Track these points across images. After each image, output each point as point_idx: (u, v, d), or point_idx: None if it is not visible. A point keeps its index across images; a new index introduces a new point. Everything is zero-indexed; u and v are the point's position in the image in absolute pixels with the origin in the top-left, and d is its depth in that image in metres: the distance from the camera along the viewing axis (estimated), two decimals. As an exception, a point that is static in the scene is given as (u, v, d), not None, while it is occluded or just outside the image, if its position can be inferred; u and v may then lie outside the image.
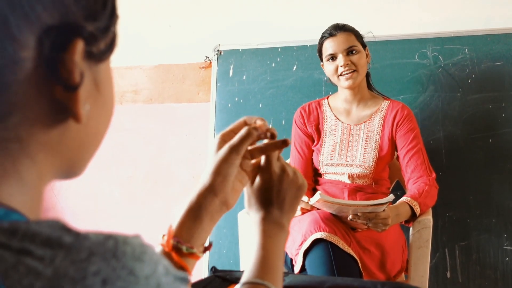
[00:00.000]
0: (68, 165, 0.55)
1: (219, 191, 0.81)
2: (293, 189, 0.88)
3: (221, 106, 2.87)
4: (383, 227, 1.92)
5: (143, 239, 0.47)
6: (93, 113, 0.54)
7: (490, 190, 2.49)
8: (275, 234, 0.85)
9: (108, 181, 3.17)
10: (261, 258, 0.82)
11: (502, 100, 2.51)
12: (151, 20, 3.14)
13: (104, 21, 0.52)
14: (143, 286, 0.44)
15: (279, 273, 0.82)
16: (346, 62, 2.18)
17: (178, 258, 0.77)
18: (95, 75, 0.54)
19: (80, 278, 0.41)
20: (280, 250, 0.85)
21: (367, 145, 2.24)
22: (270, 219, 0.86)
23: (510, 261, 2.45)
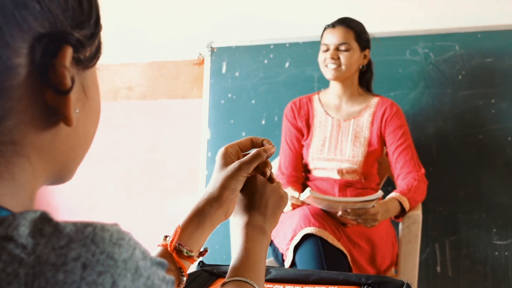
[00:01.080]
0: (59, 168, 0.58)
1: (225, 203, 0.86)
2: (276, 196, 0.93)
3: (214, 102, 2.89)
4: (372, 223, 1.95)
5: (121, 227, 0.49)
6: (82, 117, 0.57)
7: (480, 185, 2.52)
8: (258, 238, 0.88)
9: (103, 177, 3.19)
10: (244, 260, 0.85)
11: (492, 97, 2.53)
12: (145, 18, 3.16)
13: (89, 30, 0.55)
14: (122, 269, 0.46)
15: (261, 273, 0.86)
16: (333, 56, 2.21)
17: (178, 259, 0.81)
18: (83, 80, 0.56)
19: (61, 264, 0.43)
20: (262, 254, 0.88)
21: (356, 140, 2.26)
22: (254, 224, 0.89)
23: (499, 256, 2.48)
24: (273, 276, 1.09)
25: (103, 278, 0.44)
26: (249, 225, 0.89)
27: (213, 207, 0.86)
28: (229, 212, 0.88)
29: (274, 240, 2.14)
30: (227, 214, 0.88)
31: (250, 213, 0.90)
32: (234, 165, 0.87)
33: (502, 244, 2.48)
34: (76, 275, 0.43)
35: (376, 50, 2.61)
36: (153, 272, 0.49)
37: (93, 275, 0.44)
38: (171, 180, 3.06)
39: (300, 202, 2.07)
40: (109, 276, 0.45)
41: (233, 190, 0.87)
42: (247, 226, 0.89)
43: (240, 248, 0.86)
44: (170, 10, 3.11)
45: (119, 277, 0.45)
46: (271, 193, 0.92)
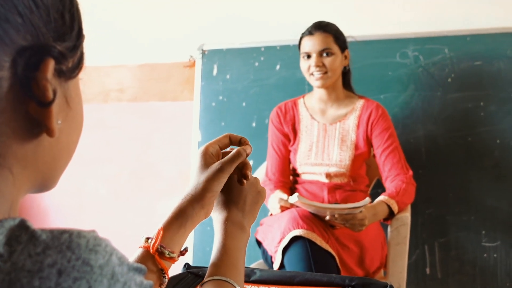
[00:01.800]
0: (42, 177, 0.58)
1: (206, 204, 0.87)
2: (254, 192, 0.93)
3: (205, 105, 2.90)
4: (360, 228, 1.96)
5: (98, 233, 0.50)
6: (65, 127, 0.58)
7: (469, 187, 2.54)
8: (237, 235, 0.89)
9: (94, 179, 3.19)
10: (223, 257, 0.85)
11: (481, 99, 2.55)
12: (137, 20, 3.16)
13: (71, 41, 0.56)
14: (98, 275, 0.46)
15: (241, 271, 0.86)
16: (318, 64, 2.20)
17: (160, 261, 0.82)
18: (66, 91, 0.57)
19: (37, 270, 0.44)
20: (241, 250, 0.88)
21: (342, 144, 2.27)
22: (233, 220, 0.90)
23: (488, 257, 2.50)
24: (258, 278, 1.10)
25: (79, 284, 0.45)
26: (228, 221, 0.89)
27: (195, 208, 0.86)
28: (209, 212, 0.89)
29: (263, 243, 2.14)
30: (207, 214, 0.89)
31: (229, 209, 0.91)
32: (216, 166, 0.87)
33: (490, 246, 2.50)
34: (51, 282, 0.44)
35: (366, 53, 2.63)
36: (130, 278, 0.50)
37: (68, 281, 0.44)
38: (161, 182, 3.06)
39: (289, 204, 2.08)
40: (84, 282, 0.45)
41: (215, 192, 0.87)
42: (226, 222, 0.89)
43: (219, 245, 0.87)
44: (161, 13, 3.12)
45: (95, 283, 0.46)
46: (249, 189, 0.92)
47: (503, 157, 2.51)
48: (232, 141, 0.94)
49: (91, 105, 3.19)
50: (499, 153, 2.51)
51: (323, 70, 2.21)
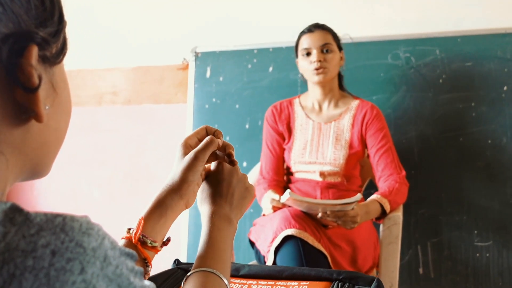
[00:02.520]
0: (31, 164, 0.59)
1: (185, 195, 0.89)
2: (242, 187, 0.94)
3: (198, 107, 2.91)
4: (352, 225, 1.97)
5: (91, 219, 0.51)
6: (53, 112, 0.59)
7: (461, 187, 2.55)
8: (224, 227, 0.90)
9: (88, 181, 3.19)
10: (210, 249, 0.86)
11: (472, 100, 2.57)
12: (130, 23, 3.17)
13: (53, 27, 0.57)
14: (91, 257, 0.47)
15: (227, 263, 0.87)
16: (319, 58, 2.23)
17: (143, 250, 0.83)
18: (51, 77, 0.58)
19: (31, 250, 0.45)
20: (228, 243, 0.89)
21: (337, 143, 2.28)
22: (220, 213, 0.91)
23: (480, 257, 2.51)
24: (246, 272, 1.10)
25: (72, 264, 0.46)
26: (216, 214, 0.90)
27: (174, 199, 0.87)
28: (189, 202, 0.90)
29: (256, 243, 2.15)
30: (188, 204, 0.90)
31: (216, 202, 0.92)
32: (189, 156, 0.89)
33: (483, 246, 2.51)
34: (45, 261, 0.45)
35: (358, 54, 2.64)
36: (122, 262, 0.51)
37: (62, 261, 0.45)
38: (155, 184, 3.06)
39: (281, 204, 2.08)
40: (77, 262, 0.46)
41: (191, 181, 0.89)
42: (213, 215, 0.90)
43: (206, 238, 0.88)
44: (154, 15, 3.13)
45: (87, 264, 0.46)
46: (238, 183, 0.94)
47: (494, 157, 2.52)
48: (208, 132, 0.96)
49: (85, 108, 3.20)
50: (491, 153, 2.53)
51: (324, 65, 2.23)
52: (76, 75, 3.23)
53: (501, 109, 2.53)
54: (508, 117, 2.51)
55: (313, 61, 2.23)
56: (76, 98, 3.22)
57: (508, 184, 2.50)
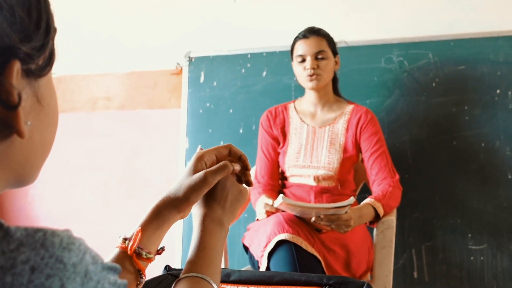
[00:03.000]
0: (17, 175, 0.58)
1: (183, 211, 0.88)
2: (236, 190, 0.93)
3: (192, 112, 2.91)
4: (345, 229, 1.97)
5: (73, 232, 0.50)
6: (37, 126, 0.58)
7: (455, 191, 2.55)
8: (216, 231, 0.89)
9: (82, 187, 3.19)
10: (201, 254, 0.85)
11: (465, 103, 2.57)
12: (123, 28, 3.17)
13: (39, 40, 0.55)
14: (71, 273, 0.47)
15: (217, 268, 0.86)
16: (313, 66, 2.23)
17: (138, 262, 0.83)
18: (36, 90, 0.57)
19: (10, 266, 0.44)
20: (219, 247, 0.88)
21: (331, 147, 2.29)
22: (212, 216, 0.89)
23: (475, 260, 2.51)
24: (237, 278, 1.10)
25: (51, 281, 0.45)
26: (208, 217, 0.89)
27: (172, 212, 0.86)
28: (185, 215, 0.89)
29: (250, 248, 2.15)
30: (184, 217, 0.89)
31: (209, 205, 0.90)
32: (199, 175, 0.87)
33: (477, 249, 2.51)
34: (24, 278, 0.44)
35: (351, 58, 2.64)
36: (104, 277, 0.50)
37: (41, 278, 0.45)
38: (149, 190, 3.06)
39: (274, 209, 2.08)
40: (57, 279, 0.45)
41: (193, 202, 0.87)
42: (206, 218, 0.89)
43: (197, 241, 0.86)
44: (147, 21, 3.13)
45: (68, 280, 0.46)
46: (231, 186, 0.92)
47: (488, 160, 2.53)
48: (231, 154, 0.94)
49: (79, 113, 3.20)
50: (484, 156, 2.53)
51: (317, 72, 2.24)
52: (70, 80, 3.22)
53: (494, 112, 2.53)
54: (501, 120, 2.52)
55: (307, 68, 2.24)
56: (70, 103, 3.22)
57: (501, 187, 2.51)
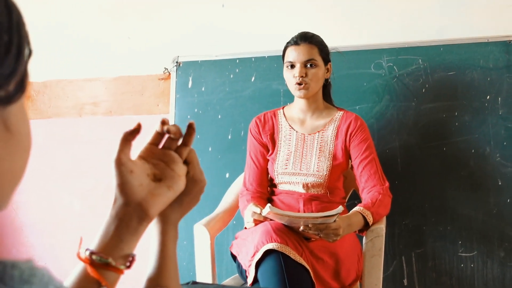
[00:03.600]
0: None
1: (128, 200, 0.81)
2: (198, 193, 0.89)
3: (180, 118, 2.87)
4: (334, 238, 1.94)
5: (35, 263, 0.47)
6: (6, 154, 0.54)
7: (445, 197, 2.53)
8: (175, 237, 0.86)
9: (69, 194, 3.15)
10: (170, 263, 0.82)
11: (455, 109, 2.55)
12: (110, 32, 3.13)
13: (9, 66, 0.52)
14: None
15: (177, 274, 0.83)
16: (301, 74, 2.20)
17: (93, 270, 0.75)
18: (5, 117, 0.53)
19: None
20: (175, 253, 0.85)
21: (321, 154, 2.26)
22: (174, 221, 0.87)
23: (465, 268, 2.49)
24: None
25: None
26: (176, 223, 0.86)
27: (116, 207, 0.81)
28: (148, 213, 0.81)
29: (238, 256, 2.12)
30: (148, 214, 0.81)
31: (171, 208, 0.86)
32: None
33: (467, 256, 2.49)
34: None
35: (341, 64, 2.62)
36: None
37: None
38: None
39: (262, 217, 2.05)
40: None
41: (123, 183, 0.82)
42: (174, 224, 0.86)
43: (163, 251, 0.83)
44: (135, 25, 3.09)
45: None
46: (198, 192, 0.88)
47: (478, 167, 2.51)
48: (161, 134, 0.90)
49: (66, 119, 3.15)
50: (474, 163, 2.52)
51: (305, 81, 2.21)
52: (56, 85, 3.18)
53: (484, 118, 2.52)
54: (491, 126, 2.50)
55: (295, 76, 2.21)
56: (56, 109, 3.18)
57: (491, 193, 2.49)
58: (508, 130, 2.49)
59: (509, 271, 2.45)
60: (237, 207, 2.43)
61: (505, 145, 2.49)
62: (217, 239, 2.59)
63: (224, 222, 2.40)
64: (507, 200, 2.47)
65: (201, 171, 0.89)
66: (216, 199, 2.53)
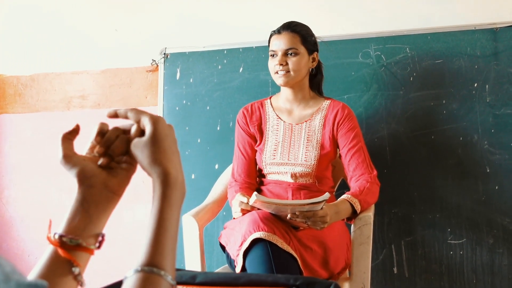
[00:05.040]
0: None
1: (92, 183, 0.81)
2: (170, 138, 0.83)
3: (169, 110, 2.87)
4: (321, 225, 1.93)
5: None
6: None
7: (433, 185, 2.54)
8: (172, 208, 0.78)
9: (57, 188, 3.13)
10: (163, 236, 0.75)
11: (443, 97, 2.56)
12: (97, 25, 3.11)
13: None
14: None
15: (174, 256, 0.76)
16: (281, 62, 2.22)
17: (63, 251, 0.76)
18: None
19: None
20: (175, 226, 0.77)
21: (308, 144, 2.26)
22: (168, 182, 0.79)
23: (454, 255, 2.50)
24: (202, 280, 1.07)
25: None
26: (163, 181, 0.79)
27: (82, 187, 0.81)
28: (114, 190, 0.81)
29: (226, 247, 2.12)
30: (115, 192, 0.81)
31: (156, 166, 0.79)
32: None
33: (456, 243, 2.50)
34: None
35: (329, 53, 2.62)
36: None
37: None
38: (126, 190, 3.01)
39: (250, 207, 2.05)
40: None
41: (74, 164, 0.81)
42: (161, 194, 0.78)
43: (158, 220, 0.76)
44: (122, 17, 3.08)
45: None
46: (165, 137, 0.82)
47: (466, 155, 2.52)
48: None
49: (53, 112, 3.14)
50: (462, 151, 2.52)
51: (286, 69, 2.22)
52: (44, 79, 3.16)
53: (472, 106, 2.52)
54: (479, 114, 2.51)
55: (275, 64, 2.23)
56: (43, 102, 3.16)
57: (480, 181, 2.50)
58: (495, 118, 2.50)
59: (498, 257, 2.46)
60: (226, 198, 2.43)
61: (492, 132, 2.49)
62: (207, 230, 2.59)
63: (213, 213, 2.40)
64: (496, 187, 2.48)
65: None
66: (205, 190, 2.53)
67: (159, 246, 0.73)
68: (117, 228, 2.96)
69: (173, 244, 0.76)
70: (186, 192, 0.83)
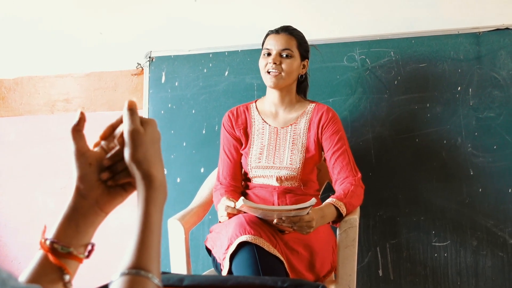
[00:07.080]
0: None
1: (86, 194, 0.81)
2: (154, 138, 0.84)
3: (154, 113, 2.86)
4: (307, 230, 1.94)
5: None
6: None
7: (418, 188, 2.56)
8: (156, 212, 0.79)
9: (42, 192, 3.11)
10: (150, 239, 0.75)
11: (427, 101, 2.58)
12: (82, 28, 3.10)
13: None
14: None
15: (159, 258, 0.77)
16: (275, 61, 2.22)
17: (55, 259, 0.76)
18: None
19: None
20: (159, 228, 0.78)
21: (293, 147, 2.26)
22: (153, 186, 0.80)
23: (438, 257, 2.52)
24: (189, 283, 1.07)
25: None
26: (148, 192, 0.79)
27: (75, 199, 0.81)
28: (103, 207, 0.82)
29: (212, 250, 2.11)
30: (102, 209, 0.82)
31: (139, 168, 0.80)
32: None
33: (441, 246, 2.52)
34: None
35: (314, 57, 2.62)
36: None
37: None
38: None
39: (236, 210, 2.05)
40: None
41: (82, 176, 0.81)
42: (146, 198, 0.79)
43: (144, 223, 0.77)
44: (106, 19, 3.07)
45: None
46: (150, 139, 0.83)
47: (450, 157, 2.54)
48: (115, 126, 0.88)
49: (37, 116, 3.11)
50: (446, 153, 2.54)
51: (278, 69, 2.22)
52: (28, 82, 3.14)
53: (456, 109, 2.55)
54: (462, 117, 2.53)
55: (269, 62, 2.23)
56: (27, 106, 3.13)
57: (464, 183, 2.52)
58: (479, 121, 2.52)
59: (481, 259, 2.49)
60: (212, 201, 2.42)
61: (476, 135, 2.52)
62: (193, 234, 2.59)
63: (198, 217, 2.39)
64: (479, 190, 2.51)
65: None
66: (191, 194, 2.53)
67: (145, 249, 0.74)
68: (102, 231, 2.93)
69: (158, 247, 0.77)
70: (172, 196, 0.85)
